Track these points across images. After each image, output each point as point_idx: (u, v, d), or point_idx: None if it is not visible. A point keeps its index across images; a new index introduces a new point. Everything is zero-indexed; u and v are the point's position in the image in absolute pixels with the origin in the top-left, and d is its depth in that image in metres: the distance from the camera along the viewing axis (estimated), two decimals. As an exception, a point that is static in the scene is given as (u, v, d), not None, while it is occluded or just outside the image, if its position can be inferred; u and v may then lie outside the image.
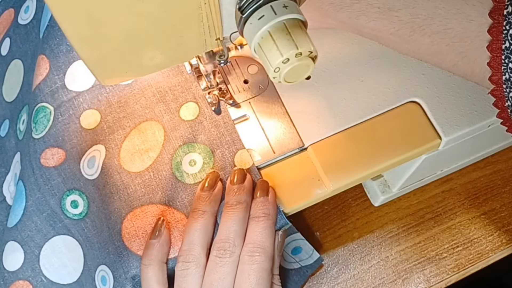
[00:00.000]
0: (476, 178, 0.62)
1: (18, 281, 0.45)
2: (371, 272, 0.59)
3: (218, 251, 0.42)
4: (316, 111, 0.48)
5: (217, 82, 0.48)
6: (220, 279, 0.41)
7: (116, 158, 0.46)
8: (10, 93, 0.51)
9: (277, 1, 0.33)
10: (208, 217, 0.43)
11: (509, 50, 0.35)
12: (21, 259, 0.46)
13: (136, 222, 0.45)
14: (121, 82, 0.47)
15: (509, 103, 0.37)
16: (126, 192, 0.45)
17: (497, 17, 0.35)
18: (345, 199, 0.61)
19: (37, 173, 0.46)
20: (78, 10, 0.30)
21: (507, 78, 0.36)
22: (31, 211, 0.46)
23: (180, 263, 0.42)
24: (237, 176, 0.44)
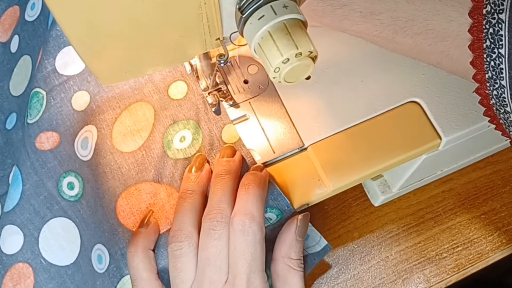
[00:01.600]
0: (476, 178, 0.62)
1: (17, 264, 0.45)
2: (371, 272, 0.59)
3: (211, 222, 0.41)
4: (316, 111, 0.48)
5: (217, 82, 0.48)
6: (216, 253, 0.40)
7: (108, 139, 0.46)
8: (18, 88, 0.51)
9: (277, 1, 0.33)
10: (196, 196, 0.43)
11: (490, 49, 0.35)
12: (20, 242, 0.46)
13: (130, 200, 0.45)
14: (121, 82, 0.47)
15: (494, 101, 0.37)
16: (120, 171, 0.46)
17: (476, 17, 0.36)
18: (345, 199, 0.61)
19: (33, 157, 0.46)
20: (78, 10, 0.30)
21: (490, 76, 0.36)
22: (28, 194, 0.46)
23: (173, 244, 0.42)
24: (226, 151, 0.45)
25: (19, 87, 0.51)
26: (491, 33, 0.35)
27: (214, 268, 0.40)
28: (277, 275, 0.42)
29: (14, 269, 0.45)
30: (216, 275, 0.40)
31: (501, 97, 0.36)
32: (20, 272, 0.45)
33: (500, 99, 0.36)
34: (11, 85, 0.52)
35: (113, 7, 0.31)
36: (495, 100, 0.37)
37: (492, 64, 0.36)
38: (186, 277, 0.41)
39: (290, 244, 0.42)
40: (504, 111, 0.37)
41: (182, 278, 0.41)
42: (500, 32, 0.34)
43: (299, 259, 0.43)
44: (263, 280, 0.40)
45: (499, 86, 0.36)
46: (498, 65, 0.35)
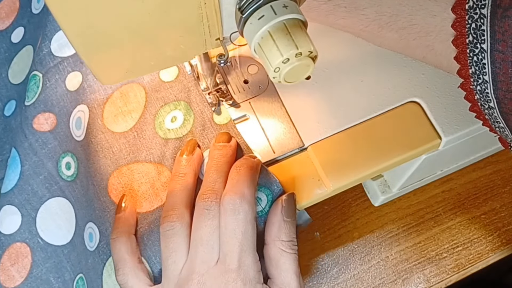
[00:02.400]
0: (476, 178, 0.62)
1: (15, 243, 0.46)
2: (371, 272, 0.59)
3: (205, 202, 0.41)
4: (316, 111, 0.48)
5: (217, 82, 0.48)
6: (210, 233, 0.40)
7: (99, 119, 0.47)
8: (19, 76, 0.52)
9: (277, 1, 0.33)
10: (188, 178, 0.43)
11: (472, 44, 0.35)
12: (18, 222, 0.46)
13: (122, 179, 0.46)
14: (121, 81, 0.48)
15: (478, 96, 0.37)
16: (111, 151, 0.46)
17: (459, 12, 0.36)
18: (345, 199, 0.61)
19: (31, 138, 0.47)
20: (78, 11, 0.30)
21: (473, 72, 0.36)
22: (27, 175, 0.46)
23: (165, 224, 0.41)
24: (222, 137, 0.45)
25: (19, 76, 0.52)
26: (473, 28, 0.35)
27: (207, 247, 0.40)
28: (269, 259, 0.42)
29: (12, 249, 0.46)
30: (208, 254, 0.40)
31: (485, 92, 0.36)
32: (17, 252, 0.46)
33: (484, 94, 0.36)
34: (10, 73, 0.53)
35: (113, 7, 0.31)
36: (479, 95, 0.37)
37: (475, 59, 0.36)
38: (178, 257, 0.41)
39: (279, 226, 0.42)
40: (488, 106, 0.37)
41: (174, 258, 0.41)
42: (482, 27, 0.34)
43: (291, 241, 0.42)
44: (255, 259, 0.40)
45: (483, 81, 0.36)
46: (481, 60, 0.35)
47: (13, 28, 0.54)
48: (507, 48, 0.33)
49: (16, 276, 0.45)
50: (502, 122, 0.37)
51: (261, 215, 0.44)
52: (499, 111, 0.36)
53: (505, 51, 0.33)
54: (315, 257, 0.59)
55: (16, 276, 0.45)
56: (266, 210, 0.44)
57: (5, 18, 0.54)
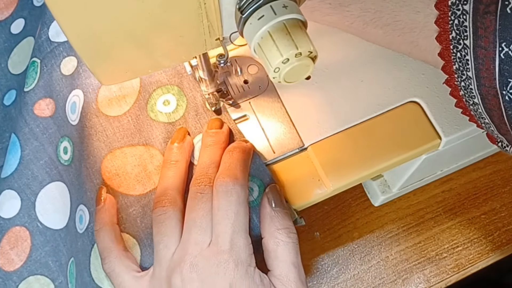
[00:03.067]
0: (476, 178, 0.62)
1: (14, 227, 0.46)
2: (371, 272, 0.59)
3: (198, 186, 0.41)
4: (316, 111, 0.48)
5: (217, 82, 0.48)
6: (203, 216, 0.40)
7: (94, 103, 0.47)
8: (19, 66, 0.54)
9: (277, 1, 0.33)
10: (180, 165, 0.44)
11: (456, 40, 0.35)
12: (17, 206, 0.46)
13: (116, 162, 0.46)
14: (121, 82, 0.48)
15: (462, 92, 0.37)
16: (105, 134, 0.47)
17: (442, 8, 0.36)
18: (345, 199, 0.61)
19: (32, 124, 0.47)
20: (78, 12, 0.30)
21: (457, 68, 0.36)
22: (28, 159, 0.47)
23: (157, 209, 0.42)
24: (214, 123, 0.45)
25: (19, 66, 0.53)
26: (456, 24, 0.35)
27: (200, 229, 0.40)
28: (267, 251, 0.41)
29: (11, 233, 0.46)
30: (201, 236, 0.40)
31: (469, 88, 0.36)
32: (17, 236, 0.46)
33: (468, 90, 0.36)
34: (10, 64, 0.54)
35: (113, 7, 0.31)
36: (463, 91, 0.37)
37: (459, 56, 0.36)
38: (169, 241, 0.41)
39: (270, 217, 0.42)
40: (473, 102, 0.37)
41: (165, 242, 0.41)
42: (464, 23, 0.34)
43: (287, 228, 0.41)
44: (247, 242, 0.40)
45: (466, 78, 0.36)
46: (464, 56, 0.35)
47: (13, 19, 0.55)
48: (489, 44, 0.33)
49: (15, 260, 0.46)
50: (487, 118, 0.37)
51: (253, 205, 0.44)
52: (483, 107, 0.36)
53: (487, 47, 0.33)
54: (315, 257, 0.59)
55: (16, 260, 0.46)
56: (259, 201, 0.44)
57: (4, 8, 0.55)
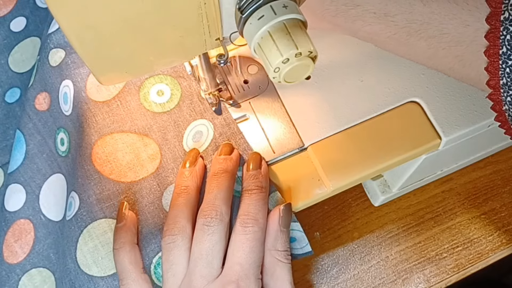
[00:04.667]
0: (476, 178, 0.62)
1: (19, 220, 0.47)
2: (371, 272, 0.59)
3: (205, 219, 0.41)
4: (316, 111, 0.48)
5: (217, 82, 0.48)
6: (209, 248, 0.41)
7: (83, 91, 0.47)
8: (21, 65, 0.55)
9: (277, 1, 0.33)
10: (191, 191, 0.44)
11: (506, 55, 0.35)
12: (22, 199, 0.47)
13: (106, 148, 0.46)
14: (121, 82, 0.47)
15: (507, 107, 0.37)
16: (94, 120, 0.47)
17: (494, 23, 0.36)
18: (345, 199, 0.61)
19: (34, 118, 0.49)
20: (78, 11, 0.30)
21: (505, 83, 0.36)
22: (33, 153, 0.48)
23: (166, 237, 0.42)
24: (224, 149, 0.45)
25: (22, 65, 0.55)
26: (508, 40, 0.35)
27: (206, 262, 0.40)
28: (264, 269, 0.42)
29: (16, 225, 0.47)
30: (207, 269, 0.40)
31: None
32: (21, 228, 0.47)
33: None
34: (10, 61, 0.55)
35: (113, 7, 0.31)
36: (508, 106, 0.37)
37: (508, 71, 0.36)
38: (178, 270, 0.41)
39: (275, 236, 0.42)
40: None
41: (174, 271, 0.41)
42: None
43: (286, 251, 0.43)
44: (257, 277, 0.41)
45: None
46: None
47: (12, 16, 0.56)
48: None
49: (19, 252, 0.46)
50: None
51: (238, 196, 0.45)
52: None
53: None
54: (315, 257, 0.59)
55: (19, 252, 0.46)
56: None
57: (3, 5, 0.56)
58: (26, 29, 0.56)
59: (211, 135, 0.47)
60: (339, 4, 0.41)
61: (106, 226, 0.44)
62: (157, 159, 0.46)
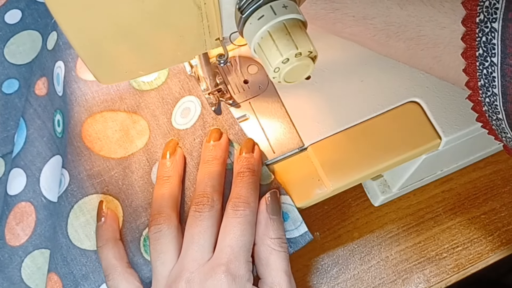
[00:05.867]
0: (476, 178, 0.62)
1: (20, 203, 0.48)
2: (371, 272, 0.59)
3: (197, 206, 0.42)
4: (316, 111, 0.48)
5: (217, 82, 0.48)
6: (201, 232, 0.41)
7: (73, 70, 0.48)
8: (19, 57, 0.56)
9: (277, 1, 0.33)
10: (173, 181, 0.44)
11: (482, 57, 0.36)
12: (23, 182, 0.48)
13: (96, 125, 0.47)
14: (121, 81, 0.48)
15: (486, 108, 0.37)
16: (84, 98, 0.47)
17: (469, 25, 0.36)
18: (345, 199, 0.61)
19: (34, 104, 0.50)
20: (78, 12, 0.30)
21: (483, 84, 0.36)
22: (33, 138, 0.49)
23: (152, 227, 0.42)
24: (213, 135, 0.45)
25: (19, 56, 0.56)
26: (484, 42, 0.35)
27: (198, 246, 0.41)
28: (258, 259, 0.42)
29: (17, 208, 0.47)
30: (198, 253, 0.40)
31: (493, 104, 0.36)
32: (22, 211, 0.47)
33: (492, 106, 0.37)
34: (6, 52, 0.56)
35: (113, 7, 0.31)
36: (487, 107, 0.37)
37: (485, 72, 0.36)
38: (166, 258, 0.41)
39: (265, 223, 0.42)
40: (496, 118, 0.37)
41: (162, 259, 0.41)
42: (493, 41, 0.34)
43: (280, 238, 0.42)
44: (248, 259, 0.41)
45: (492, 94, 0.36)
46: (490, 74, 0.35)
47: (6, 8, 0.58)
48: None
49: (21, 235, 0.47)
50: (510, 133, 0.37)
51: (229, 168, 0.45)
52: (507, 122, 0.36)
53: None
54: (315, 257, 0.59)
55: (21, 235, 0.47)
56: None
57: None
58: (22, 21, 0.57)
59: (198, 111, 0.47)
60: (318, 8, 0.41)
61: (97, 201, 0.45)
62: (146, 135, 0.47)
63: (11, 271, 0.46)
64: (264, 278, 0.41)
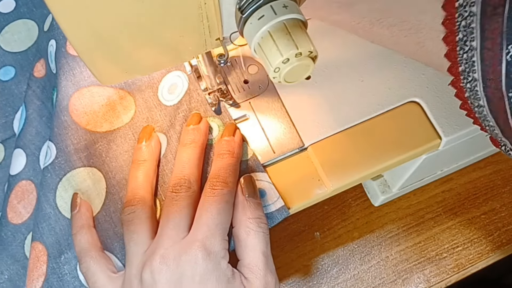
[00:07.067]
0: (476, 178, 0.62)
1: (21, 182, 0.48)
2: (371, 272, 0.59)
3: (174, 187, 0.42)
4: (316, 111, 0.48)
5: (217, 82, 0.48)
6: (176, 211, 0.41)
7: (63, 47, 0.49)
8: (14, 45, 0.58)
9: (277, 1, 0.33)
10: (148, 164, 0.44)
11: (462, 42, 0.35)
12: (23, 162, 0.49)
13: (83, 100, 0.48)
14: (121, 81, 0.48)
15: (468, 94, 0.37)
16: (72, 73, 0.48)
17: (449, 10, 0.36)
18: (345, 199, 0.61)
19: (33, 86, 0.51)
20: (78, 11, 0.30)
21: (463, 69, 0.36)
22: (32, 118, 0.50)
23: (126, 209, 0.42)
24: (193, 119, 0.46)
25: (14, 44, 0.57)
26: (463, 26, 0.35)
27: (173, 224, 0.41)
28: (238, 241, 0.42)
29: (18, 187, 0.48)
30: (174, 230, 0.40)
31: (474, 90, 0.36)
32: (23, 189, 0.48)
33: (474, 92, 0.36)
34: (1, 40, 0.58)
35: (113, 7, 0.31)
36: (469, 93, 0.37)
37: (465, 57, 0.36)
38: (139, 238, 0.41)
39: (242, 206, 0.42)
40: (478, 104, 0.37)
41: (135, 240, 0.41)
42: (472, 24, 0.34)
43: (258, 218, 0.42)
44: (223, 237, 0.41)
45: (472, 79, 0.36)
46: (470, 58, 0.35)
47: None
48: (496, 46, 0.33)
49: (23, 212, 0.48)
50: (492, 121, 0.37)
51: (210, 143, 0.46)
52: (488, 109, 0.36)
53: (494, 49, 0.33)
54: (315, 257, 0.59)
55: (23, 212, 0.48)
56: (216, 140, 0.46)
57: None
58: (16, 10, 0.58)
59: (185, 86, 0.48)
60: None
61: (85, 174, 0.46)
62: (131, 110, 0.48)
63: (14, 248, 0.47)
64: (242, 259, 0.41)
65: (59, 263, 0.44)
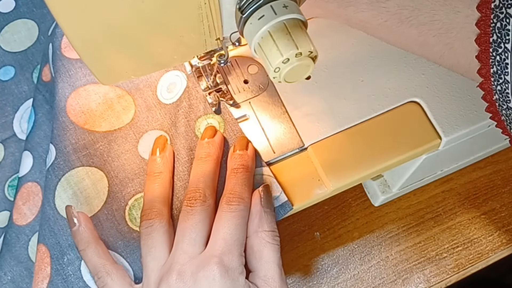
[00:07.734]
0: (476, 178, 0.62)
1: (27, 183, 0.49)
2: (371, 272, 0.59)
3: (189, 201, 0.42)
4: (316, 111, 0.48)
5: (217, 82, 0.48)
6: (192, 226, 0.41)
7: (58, 50, 0.49)
8: (14, 45, 0.58)
9: (277, 1, 0.33)
10: (164, 176, 0.44)
11: (496, 43, 0.35)
12: (30, 164, 0.49)
13: (80, 99, 0.48)
14: (121, 81, 0.48)
15: (497, 96, 0.37)
16: (68, 74, 0.48)
17: (484, 10, 0.35)
18: (345, 199, 0.61)
19: (43, 90, 0.51)
20: (78, 12, 0.30)
21: (495, 71, 0.36)
22: (40, 122, 0.50)
23: (143, 222, 0.42)
24: (207, 132, 0.45)
25: (14, 44, 0.58)
26: (498, 28, 0.35)
27: (189, 239, 0.40)
28: (252, 251, 0.42)
29: (23, 189, 0.49)
30: (190, 246, 0.40)
31: (505, 92, 0.36)
32: (29, 191, 0.48)
33: (504, 94, 0.36)
34: (1, 40, 0.58)
35: (113, 8, 0.31)
36: (498, 95, 0.37)
37: (498, 59, 0.35)
38: (157, 253, 0.41)
39: (260, 217, 0.42)
40: (507, 107, 0.37)
41: (153, 254, 0.41)
42: (507, 26, 0.34)
43: (273, 231, 0.42)
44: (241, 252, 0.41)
45: (504, 81, 0.36)
46: (503, 60, 0.35)
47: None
48: None
49: (27, 214, 0.48)
50: None
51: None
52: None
53: None
54: (315, 257, 0.59)
55: (28, 214, 0.48)
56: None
57: None
58: (16, 10, 0.59)
59: (184, 84, 0.48)
60: None
61: (83, 174, 0.46)
62: (131, 110, 0.48)
63: (18, 250, 0.47)
64: (257, 271, 0.41)
65: (62, 264, 0.44)
